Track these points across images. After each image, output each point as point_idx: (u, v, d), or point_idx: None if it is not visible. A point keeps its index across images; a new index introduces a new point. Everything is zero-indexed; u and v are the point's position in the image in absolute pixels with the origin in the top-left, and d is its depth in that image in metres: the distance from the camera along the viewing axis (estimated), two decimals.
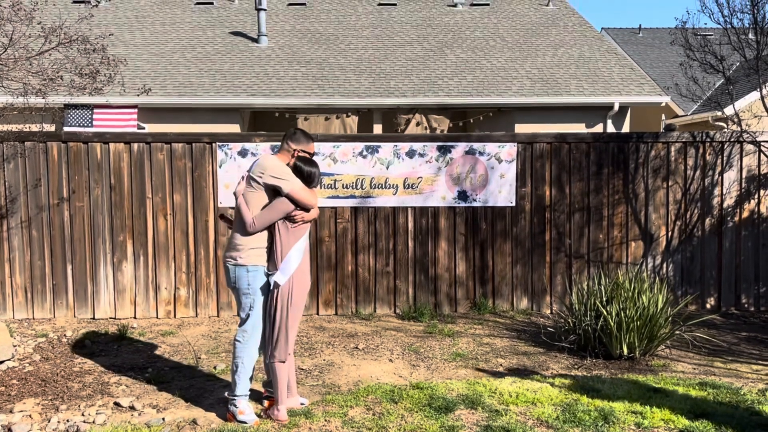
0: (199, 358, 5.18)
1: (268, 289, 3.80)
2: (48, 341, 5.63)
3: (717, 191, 6.80)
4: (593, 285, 5.32)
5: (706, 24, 23.64)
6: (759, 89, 6.72)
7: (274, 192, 3.74)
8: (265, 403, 4.04)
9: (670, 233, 6.79)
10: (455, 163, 6.60)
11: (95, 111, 9.84)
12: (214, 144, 6.43)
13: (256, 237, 3.76)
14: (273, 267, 3.75)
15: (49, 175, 6.35)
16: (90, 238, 6.39)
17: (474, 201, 6.65)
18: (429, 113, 11.08)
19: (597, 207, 6.76)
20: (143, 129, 10.16)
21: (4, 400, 4.25)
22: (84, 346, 5.50)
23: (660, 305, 5.00)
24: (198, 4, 14.71)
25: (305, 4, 14.95)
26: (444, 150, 6.60)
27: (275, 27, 13.69)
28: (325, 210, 6.52)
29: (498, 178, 6.65)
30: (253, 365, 3.88)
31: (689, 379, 4.54)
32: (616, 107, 11.08)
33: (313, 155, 4.01)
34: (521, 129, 10.76)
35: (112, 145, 6.39)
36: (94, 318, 6.40)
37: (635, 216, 6.78)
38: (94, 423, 3.84)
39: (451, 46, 13.13)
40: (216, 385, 4.49)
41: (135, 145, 6.41)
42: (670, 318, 5.15)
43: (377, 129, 11.40)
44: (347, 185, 6.54)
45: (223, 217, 4.28)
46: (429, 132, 10.88)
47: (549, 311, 6.70)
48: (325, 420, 3.79)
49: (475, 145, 6.62)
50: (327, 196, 6.51)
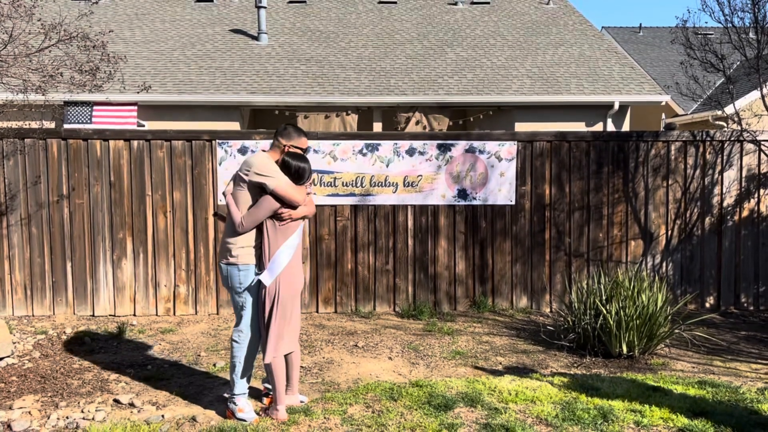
0: (199, 355, 5.18)
1: (259, 288, 3.79)
2: (47, 338, 5.63)
3: (717, 190, 6.80)
4: (593, 284, 5.32)
5: (706, 23, 23.66)
6: (759, 88, 6.71)
7: (261, 190, 3.66)
8: (265, 401, 4.04)
9: (669, 232, 6.79)
10: (455, 162, 6.60)
11: (95, 108, 9.85)
12: (214, 141, 6.43)
13: (246, 236, 3.72)
14: (262, 266, 3.72)
15: (49, 172, 6.34)
16: (90, 235, 6.39)
17: (474, 199, 6.65)
18: (429, 112, 11.07)
19: (597, 206, 6.75)
20: (143, 126, 10.16)
21: (3, 396, 4.25)
22: (83, 343, 5.50)
23: (659, 304, 5.00)
24: (198, 1, 14.70)
25: (305, 1, 14.94)
26: (444, 148, 6.59)
27: (275, 25, 13.68)
28: (325, 208, 6.52)
29: (498, 176, 6.64)
30: (252, 363, 3.88)
31: (688, 378, 4.54)
32: (616, 106, 11.07)
33: (306, 151, 3.87)
34: (521, 128, 10.74)
35: (111, 143, 6.39)
36: (93, 315, 6.40)
37: (635, 215, 6.78)
38: (93, 420, 3.84)
39: (451, 44, 13.12)
40: (215, 383, 4.49)
41: (135, 143, 6.41)
42: (669, 317, 5.15)
43: (377, 127, 11.39)
44: (347, 183, 6.54)
45: (218, 215, 4.25)
46: (429, 130, 10.87)
47: (548, 310, 6.71)
48: (325, 417, 3.79)
49: (475, 144, 6.62)
50: (327, 194, 6.51)
